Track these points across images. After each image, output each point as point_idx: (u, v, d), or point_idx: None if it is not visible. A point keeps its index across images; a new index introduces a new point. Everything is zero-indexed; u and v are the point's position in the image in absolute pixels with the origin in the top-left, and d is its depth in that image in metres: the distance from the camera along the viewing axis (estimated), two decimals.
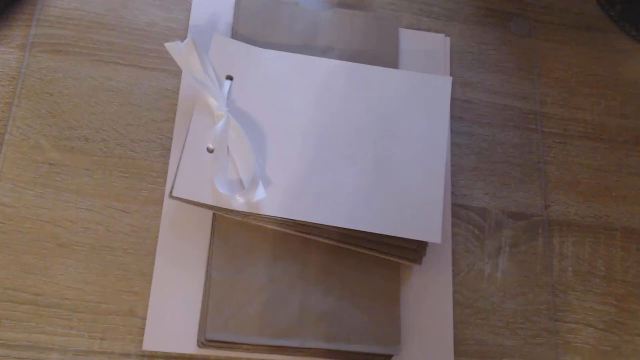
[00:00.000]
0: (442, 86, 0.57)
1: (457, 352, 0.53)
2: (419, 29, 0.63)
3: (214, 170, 0.50)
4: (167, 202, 0.52)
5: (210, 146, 0.51)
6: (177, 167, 0.50)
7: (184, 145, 0.51)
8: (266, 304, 0.49)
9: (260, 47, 0.56)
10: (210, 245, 0.51)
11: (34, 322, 0.48)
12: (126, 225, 0.51)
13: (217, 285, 0.49)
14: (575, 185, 0.61)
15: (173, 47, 0.52)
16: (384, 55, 0.59)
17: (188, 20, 0.58)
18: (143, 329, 0.49)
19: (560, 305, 0.56)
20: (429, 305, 0.53)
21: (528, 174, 0.60)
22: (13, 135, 0.52)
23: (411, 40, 0.61)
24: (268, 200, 0.50)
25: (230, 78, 0.54)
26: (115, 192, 0.52)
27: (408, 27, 0.62)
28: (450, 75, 0.61)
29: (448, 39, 0.63)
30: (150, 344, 0.48)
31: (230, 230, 0.51)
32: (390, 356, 0.51)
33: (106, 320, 0.49)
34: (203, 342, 0.48)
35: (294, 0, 0.60)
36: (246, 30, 0.57)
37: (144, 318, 0.49)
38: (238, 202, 0.49)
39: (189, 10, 0.59)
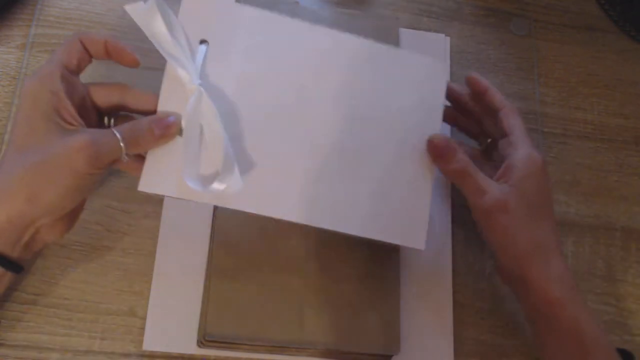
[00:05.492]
0: (438, 71, 0.51)
1: (457, 352, 0.52)
2: (419, 29, 0.63)
3: (184, 157, 0.44)
4: (167, 202, 0.52)
5: (182, 126, 0.44)
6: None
7: None
8: (266, 304, 0.49)
9: None
10: (210, 245, 0.51)
11: (34, 322, 0.48)
12: (126, 225, 0.51)
13: (217, 285, 0.49)
14: (575, 185, 0.61)
15: (135, 10, 0.44)
16: None
17: None
18: (143, 329, 0.49)
19: None
20: (429, 305, 0.53)
21: None
22: None
23: (411, 40, 0.61)
24: (243, 192, 0.44)
25: (204, 42, 0.46)
26: (115, 192, 0.52)
27: (408, 27, 0.62)
28: (450, 75, 0.61)
29: (448, 39, 0.63)
30: (150, 344, 0.48)
31: (231, 230, 0.51)
32: (390, 356, 0.51)
33: (106, 320, 0.49)
34: (203, 342, 0.48)
35: (294, 0, 0.60)
36: None
37: (144, 318, 0.49)
38: (211, 194, 0.44)
39: None
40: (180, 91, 0.44)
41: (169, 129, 0.43)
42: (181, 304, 0.49)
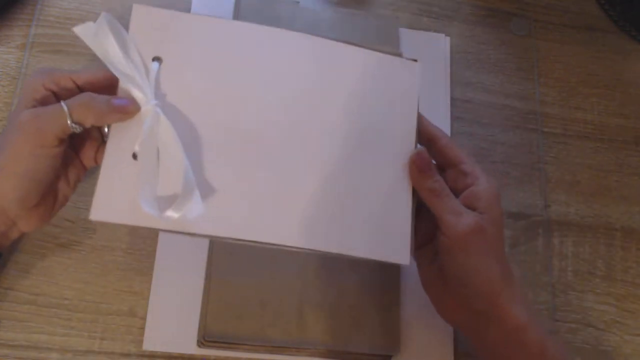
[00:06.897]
0: (409, 72, 0.47)
1: (457, 352, 0.52)
2: (419, 29, 0.63)
3: (140, 181, 0.40)
4: None
5: (137, 150, 0.41)
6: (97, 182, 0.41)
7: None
8: (266, 304, 0.49)
9: None
10: (210, 245, 0.51)
11: (34, 322, 0.48)
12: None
13: (217, 285, 0.49)
14: (575, 185, 0.61)
15: (84, 31, 0.42)
16: None
17: None
18: (143, 329, 0.49)
19: (560, 305, 0.56)
20: (429, 305, 0.53)
21: (528, 174, 0.60)
22: None
23: (411, 40, 0.61)
24: (206, 216, 0.41)
25: (158, 60, 0.43)
26: None
27: (408, 27, 0.62)
28: (450, 75, 0.61)
29: (448, 39, 0.63)
30: (150, 344, 0.48)
31: None
32: (390, 356, 0.51)
33: (106, 320, 0.49)
34: (203, 342, 0.48)
35: (294, 0, 0.60)
36: None
37: (144, 318, 0.49)
38: (169, 220, 0.40)
39: (189, 10, 0.59)
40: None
41: (127, 106, 0.41)
42: (181, 304, 0.49)
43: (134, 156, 0.41)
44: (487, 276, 0.44)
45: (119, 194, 0.41)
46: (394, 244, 0.44)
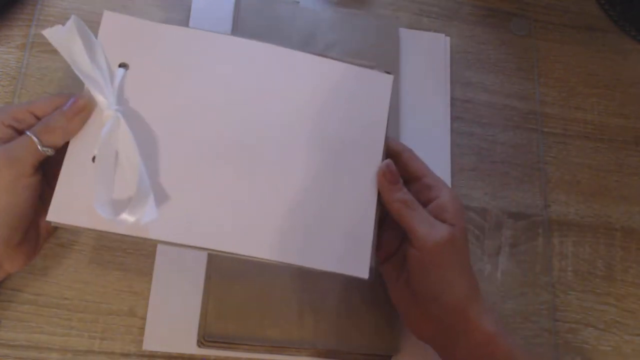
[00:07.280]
0: (382, 85, 0.47)
1: None
2: (419, 29, 0.63)
3: (95, 184, 0.41)
4: None
5: (96, 154, 0.42)
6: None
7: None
8: (266, 304, 0.49)
9: None
10: None
11: (34, 322, 0.48)
12: None
13: (217, 285, 0.49)
14: (575, 185, 0.61)
15: (54, 34, 0.43)
16: (384, 55, 0.59)
17: (188, 21, 0.58)
18: (143, 329, 0.49)
19: (560, 305, 0.56)
20: None
21: (528, 174, 0.60)
22: None
23: (411, 40, 0.61)
24: (162, 221, 0.41)
25: (124, 66, 0.44)
26: None
27: (408, 27, 0.62)
28: (450, 75, 0.61)
29: (448, 39, 0.63)
30: (150, 344, 0.48)
31: None
32: (389, 356, 0.51)
33: (106, 320, 0.49)
34: (203, 342, 0.48)
35: (294, 0, 0.60)
36: (246, 30, 0.57)
37: (144, 318, 0.49)
38: (124, 224, 0.40)
39: (189, 10, 0.59)
40: (98, 116, 0.42)
41: (76, 103, 0.42)
42: (181, 304, 0.49)
43: (94, 160, 0.42)
44: (457, 289, 0.44)
45: (77, 196, 0.41)
46: (354, 258, 0.43)
